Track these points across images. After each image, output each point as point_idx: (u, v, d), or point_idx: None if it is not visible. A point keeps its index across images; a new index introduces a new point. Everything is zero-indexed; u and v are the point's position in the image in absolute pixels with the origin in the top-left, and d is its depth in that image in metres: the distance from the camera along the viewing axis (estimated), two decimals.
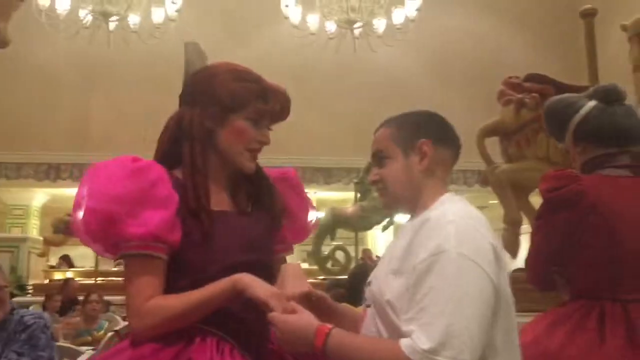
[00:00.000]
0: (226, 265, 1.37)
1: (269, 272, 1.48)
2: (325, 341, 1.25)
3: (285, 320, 1.28)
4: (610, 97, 1.87)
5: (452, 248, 1.21)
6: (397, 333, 1.25)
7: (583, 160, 1.89)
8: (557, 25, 10.30)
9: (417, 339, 1.17)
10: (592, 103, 1.87)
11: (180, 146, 1.44)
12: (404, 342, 1.19)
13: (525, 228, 3.78)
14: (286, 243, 1.62)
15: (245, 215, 1.47)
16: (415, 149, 1.40)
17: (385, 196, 1.44)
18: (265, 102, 1.45)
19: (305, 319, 1.29)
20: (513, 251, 3.70)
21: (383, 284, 1.33)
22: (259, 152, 1.49)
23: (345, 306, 1.50)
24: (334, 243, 8.02)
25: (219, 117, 1.43)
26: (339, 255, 7.83)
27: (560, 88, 3.67)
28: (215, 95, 1.43)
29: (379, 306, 1.32)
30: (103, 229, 1.34)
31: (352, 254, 7.97)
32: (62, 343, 3.34)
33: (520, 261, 4.12)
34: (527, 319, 1.93)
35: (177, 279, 1.36)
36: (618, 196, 1.76)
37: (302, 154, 9.67)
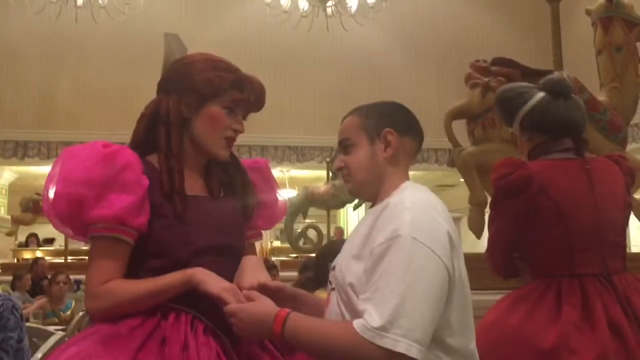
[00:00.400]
0: (198, 248, 1.41)
1: (238, 256, 1.52)
2: (283, 326, 1.27)
3: (242, 309, 1.30)
4: (557, 89, 1.95)
5: (406, 233, 1.26)
6: (356, 312, 1.29)
7: (529, 147, 1.99)
8: (531, 5, 10.37)
9: (369, 317, 1.22)
10: (539, 95, 1.96)
11: (156, 133, 1.47)
12: (356, 322, 1.23)
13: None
14: (256, 229, 1.67)
15: (217, 201, 1.51)
16: (381, 138, 1.44)
17: (349, 182, 1.48)
18: (240, 91, 1.48)
19: (264, 305, 1.32)
20: (478, 231, 3.80)
21: (345, 268, 1.37)
22: (234, 140, 1.51)
23: (305, 293, 1.54)
24: (307, 221, 8.09)
25: (195, 104, 1.46)
26: (311, 233, 7.90)
27: (527, 72, 3.75)
28: (192, 83, 1.45)
29: (342, 290, 1.36)
30: (72, 213, 1.37)
31: (324, 232, 8.06)
32: (31, 324, 3.34)
33: (485, 241, 4.24)
34: (497, 296, 2.01)
35: (149, 260, 1.40)
36: (563, 177, 1.87)
37: (275, 133, 9.67)
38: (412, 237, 1.26)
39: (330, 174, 8.44)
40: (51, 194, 1.38)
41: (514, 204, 1.87)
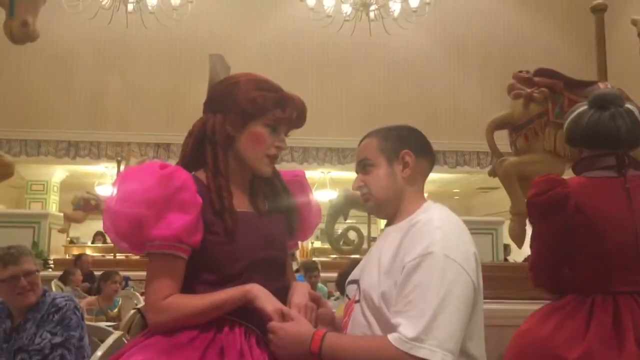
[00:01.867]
0: (247, 263, 1.50)
1: (284, 267, 1.63)
2: (320, 345, 1.34)
3: (282, 327, 1.38)
4: (598, 102, 1.95)
5: (438, 250, 1.35)
6: (386, 323, 1.37)
7: (576, 161, 2.01)
8: (577, 11, 10.21)
9: (404, 329, 1.29)
10: (582, 108, 1.98)
11: (203, 150, 1.55)
12: (391, 336, 1.31)
13: None
14: (295, 240, 1.75)
15: (263, 216, 1.59)
16: (399, 159, 1.53)
17: (369, 200, 1.56)
18: (282, 110, 1.55)
19: (302, 325, 1.39)
20: (519, 241, 3.81)
21: (375, 280, 1.44)
22: (277, 157, 1.59)
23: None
24: (347, 222, 8.14)
25: (239, 123, 1.53)
26: (352, 234, 7.94)
27: (570, 83, 3.75)
28: (237, 103, 1.52)
29: (370, 300, 1.43)
30: (131, 231, 1.45)
31: (365, 233, 8.11)
32: (92, 323, 3.49)
33: (526, 250, 4.24)
34: (535, 306, 2.04)
35: (203, 274, 1.48)
36: (601, 196, 1.87)
37: (316, 135, 9.76)
38: (444, 254, 1.34)
39: None
40: (111, 213, 1.46)
41: (550, 222, 1.89)
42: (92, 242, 11.07)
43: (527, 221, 3.85)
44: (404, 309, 1.32)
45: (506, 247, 9.32)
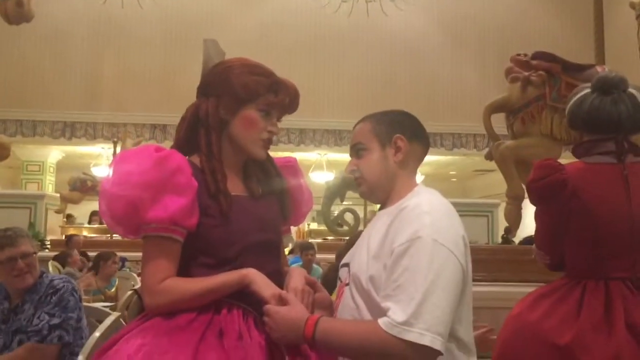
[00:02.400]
0: (243, 246, 1.50)
1: (278, 250, 1.64)
2: (314, 330, 1.35)
3: (277, 311, 1.38)
4: (601, 86, 1.93)
5: (427, 235, 1.35)
6: (375, 307, 1.38)
7: (575, 145, 2.00)
8: None
9: (393, 313, 1.29)
10: (584, 92, 1.96)
11: (196, 134, 1.55)
12: (381, 320, 1.31)
13: (527, 202, 3.91)
14: (288, 225, 1.76)
15: (257, 199, 1.59)
16: (392, 143, 1.54)
17: (362, 185, 1.57)
18: (275, 95, 1.55)
19: (297, 310, 1.39)
20: (515, 225, 3.84)
21: (364, 264, 1.45)
22: (270, 141, 1.59)
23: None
24: (344, 204, 8.16)
25: (232, 107, 1.53)
26: (348, 216, 7.97)
27: (568, 66, 3.75)
28: (230, 87, 1.53)
29: (359, 284, 1.44)
30: (127, 213, 1.45)
31: (361, 215, 8.14)
32: (89, 304, 3.51)
33: (522, 233, 4.27)
34: (529, 289, 2.06)
35: (200, 256, 1.48)
36: (598, 182, 1.86)
37: (313, 116, 9.76)
38: (433, 238, 1.34)
39: None
40: (107, 195, 1.46)
41: (548, 207, 1.91)
42: (89, 223, 11.08)
43: (523, 204, 3.89)
44: (392, 293, 1.33)
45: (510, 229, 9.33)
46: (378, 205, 1.62)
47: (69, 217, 10.59)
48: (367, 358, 1.35)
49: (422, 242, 1.34)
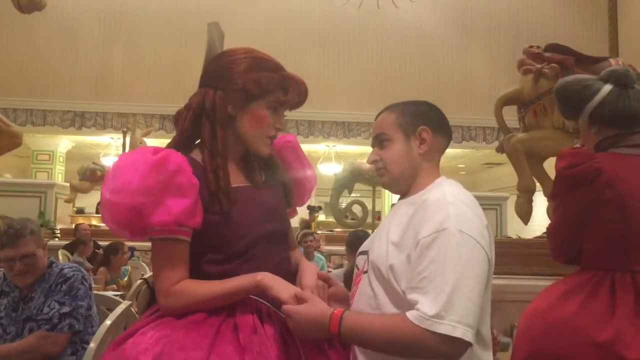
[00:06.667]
0: (253, 238, 1.49)
1: (286, 238, 1.63)
2: (339, 325, 1.33)
3: (297, 311, 1.37)
4: (623, 81, 1.94)
5: (452, 227, 1.33)
6: (394, 295, 1.38)
7: (598, 139, 1.97)
8: None
9: (423, 306, 1.27)
10: (607, 87, 1.95)
11: (200, 125, 1.52)
12: (409, 313, 1.30)
13: (538, 195, 3.89)
14: (292, 207, 1.74)
15: (261, 189, 1.57)
16: (416, 135, 1.52)
17: (384, 175, 1.55)
18: (285, 93, 1.53)
19: (318, 307, 1.38)
20: (526, 218, 3.81)
21: (385, 252, 1.43)
22: (276, 137, 1.58)
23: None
24: (352, 196, 8.17)
25: (241, 103, 1.50)
26: (356, 208, 7.97)
27: (581, 59, 3.71)
28: (239, 82, 1.49)
29: (378, 272, 1.43)
30: (131, 220, 1.43)
31: (369, 207, 8.13)
32: (100, 292, 3.52)
33: (533, 227, 4.24)
34: (539, 282, 2.04)
35: (209, 253, 1.47)
36: (630, 173, 1.85)
37: (322, 108, 9.73)
38: (459, 229, 1.33)
39: None
40: (109, 204, 1.43)
41: (579, 195, 1.86)
42: (97, 212, 11.11)
43: (537, 197, 3.87)
44: (419, 285, 1.31)
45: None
46: (388, 197, 1.61)
47: (79, 210, 10.64)
48: (396, 351, 1.33)
49: (448, 233, 1.33)
